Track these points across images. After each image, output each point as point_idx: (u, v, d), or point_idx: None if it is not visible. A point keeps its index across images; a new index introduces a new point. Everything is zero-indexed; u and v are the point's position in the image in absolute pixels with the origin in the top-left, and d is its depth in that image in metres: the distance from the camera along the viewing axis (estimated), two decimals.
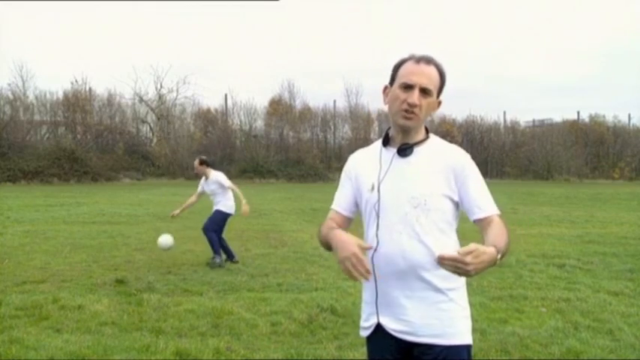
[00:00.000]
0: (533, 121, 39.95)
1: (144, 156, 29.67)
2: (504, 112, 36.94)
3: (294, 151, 31.68)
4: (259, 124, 33.50)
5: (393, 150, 1.76)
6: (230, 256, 6.87)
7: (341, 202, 1.89)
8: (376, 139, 1.91)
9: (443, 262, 1.41)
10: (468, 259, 1.38)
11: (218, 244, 6.74)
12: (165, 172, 29.56)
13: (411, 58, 1.74)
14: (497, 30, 67.86)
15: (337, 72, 68.02)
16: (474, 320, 1.84)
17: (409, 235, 1.68)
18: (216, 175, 6.93)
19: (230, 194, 6.97)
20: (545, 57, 64.06)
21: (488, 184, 1.78)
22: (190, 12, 59.37)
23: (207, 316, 4.49)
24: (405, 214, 1.69)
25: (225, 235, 7.05)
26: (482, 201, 1.70)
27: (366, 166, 1.82)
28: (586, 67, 63.89)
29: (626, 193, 20.65)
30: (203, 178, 7.03)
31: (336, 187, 1.94)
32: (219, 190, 6.90)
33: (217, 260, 6.61)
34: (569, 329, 4.21)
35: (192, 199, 7.15)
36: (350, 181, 1.88)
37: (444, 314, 1.69)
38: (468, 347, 1.72)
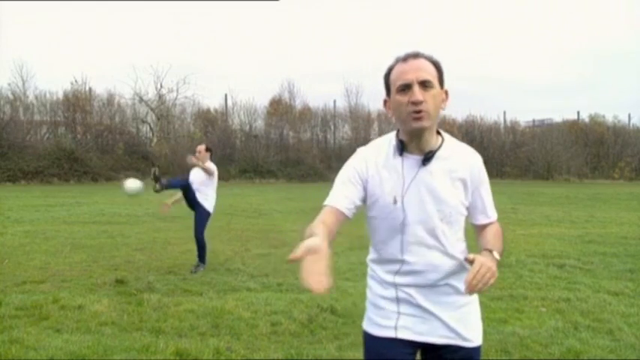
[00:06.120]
0: (533, 121, 39.90)
1: (144, 156, 29.63)
2: (504, 112, 36.91)
3: (294, 151, 31.63)
4: (259, 124, 33.45)
5: (413, 158, 1.67)
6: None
7: (346, 200, 1.66)
8: (376, 138, 1.83)
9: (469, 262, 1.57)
10: (482, 271, 1.50)
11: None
12: (166, 172, 29.52)
13: (397, 60, 1.67)
14: (498, 30, 67.97)
15: (337, 72, 67.93)
16: None
17: (439, 250, 1.69)
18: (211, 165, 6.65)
19: (214, 191, 6.68)
20: (545, 57, 64.11)
21: None
22: (190, 12, 59.30)
23: (207, 316, 4.49)
24: (433, 228, 1.67)
25: (214, 235, 6.87)
26: (489, 208, 1.77)
27: (385, 175, 1.69)
28: (586, 67, 63.98)
29: (626, 193, 20.63)
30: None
31: None
32: (207, 181, 6.58)
33: (201, 269, 6.41)
34: (569, 329, 4.21)
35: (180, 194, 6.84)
36: (361, 183, 1.70)
37: (467, 317, 1.75)
38: (480, 347, 1.79)
